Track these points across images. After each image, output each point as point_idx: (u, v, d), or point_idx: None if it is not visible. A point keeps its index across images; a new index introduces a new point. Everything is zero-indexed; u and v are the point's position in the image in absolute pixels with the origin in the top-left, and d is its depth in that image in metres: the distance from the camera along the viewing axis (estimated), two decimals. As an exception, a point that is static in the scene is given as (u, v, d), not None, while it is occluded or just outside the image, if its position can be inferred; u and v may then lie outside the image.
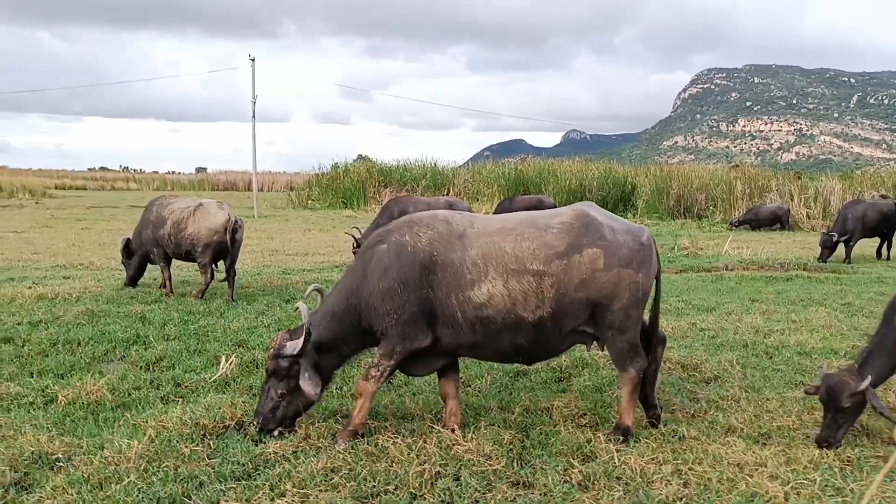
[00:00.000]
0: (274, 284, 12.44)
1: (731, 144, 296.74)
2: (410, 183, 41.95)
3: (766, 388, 6.67)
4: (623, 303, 5.35)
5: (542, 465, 4.81)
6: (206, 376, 6.81)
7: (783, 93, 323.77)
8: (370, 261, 5.42)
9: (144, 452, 4.81)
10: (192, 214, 11.15)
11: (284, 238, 22.55)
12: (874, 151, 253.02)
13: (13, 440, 5.09)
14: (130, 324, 9.01)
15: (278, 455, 4.89)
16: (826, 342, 8.44)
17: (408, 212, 15.41)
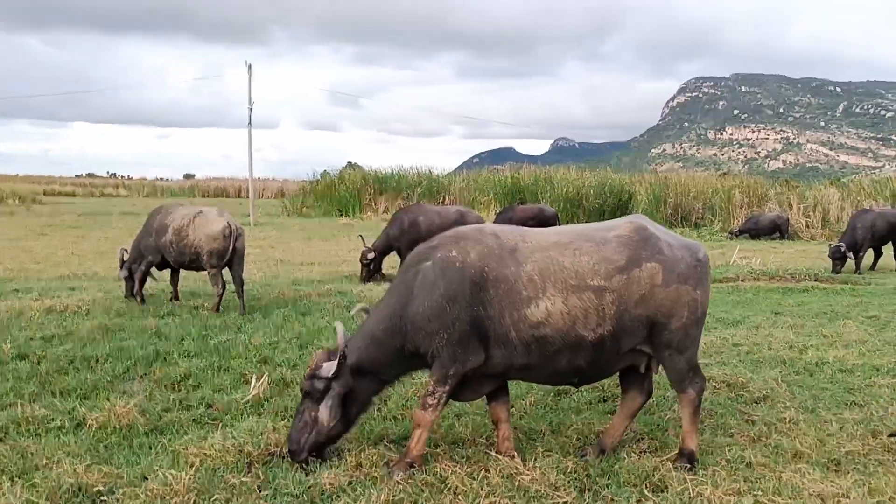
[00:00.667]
0: (287, 296, 12.15)
1: (719, 152, 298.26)
2: (406, 191, 41.75)
3: (819, 408, 6.44)
4: (682, 321, 5.11)
5: (612, 497, 4.55)
6: (237, 396, 6.53)
7: (770, 101, 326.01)
8: (414, 279, 5.13)
9: (192, 485, 4.53)
10: (192, 222, 10.98)
11: (286, 247, 22.25)
12: (860, 160, 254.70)
13: (48, 470, 4.81)
14: (147, 339, 8.72)
15: (334, 486, 4.62)
16: (865, 358, 8.23)
17: (418, 221, 15.19)
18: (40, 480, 4.60)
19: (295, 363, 7.79)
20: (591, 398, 6.77)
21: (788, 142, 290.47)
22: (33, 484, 4.56)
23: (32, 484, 4.56)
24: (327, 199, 42.48)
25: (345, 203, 41.37)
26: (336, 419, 5.09)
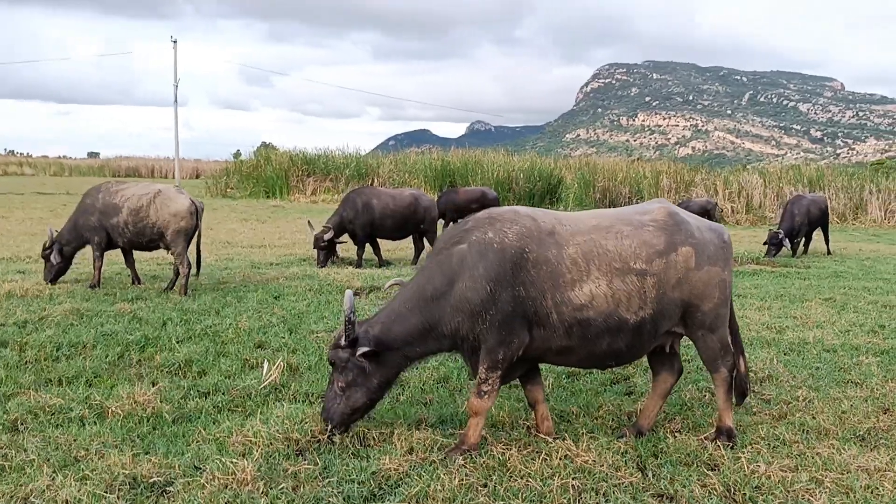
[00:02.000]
0: (253, 280, 11.89)
1: (632, 138, 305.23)
2: (334, 172, 41.15)
3: (823, 387, 6.70)
4: (714, 301, 5.27)
5: (673, 476, 4.63)
6: (251, 382, 6.37)
7: (680, 89, 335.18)
8: (448, 262, 5.08)
9: (255, 473, 4.40)
10: (153, 201, 10.68)
11: (225, 229, 21.75)
12: (764, 147, 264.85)
13: (92, 461, 4.60)
14: (129, 324, 8.41)
15: (399, 472, 4.56)
16: (842, 339, 8.60)
17: (371, 203, 14.99)
18: (91, 472, 4.39)
19: (294, 348, 7.65)
20: (603, 380, 6.88)
21: (697, 129, 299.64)
22: (85, 476, 4.36)
23: (84, 476, 4.35)
24: (253, 180, 41.48)
25: (272, 184, 40.48)
26: (359, 390, 5.08)
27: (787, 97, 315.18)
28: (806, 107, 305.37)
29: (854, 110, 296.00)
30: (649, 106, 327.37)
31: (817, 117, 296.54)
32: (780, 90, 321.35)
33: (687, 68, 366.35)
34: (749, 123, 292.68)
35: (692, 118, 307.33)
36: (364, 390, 5.12)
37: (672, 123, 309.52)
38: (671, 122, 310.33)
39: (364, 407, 5.20)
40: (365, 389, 5.12)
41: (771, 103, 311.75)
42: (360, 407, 5.17)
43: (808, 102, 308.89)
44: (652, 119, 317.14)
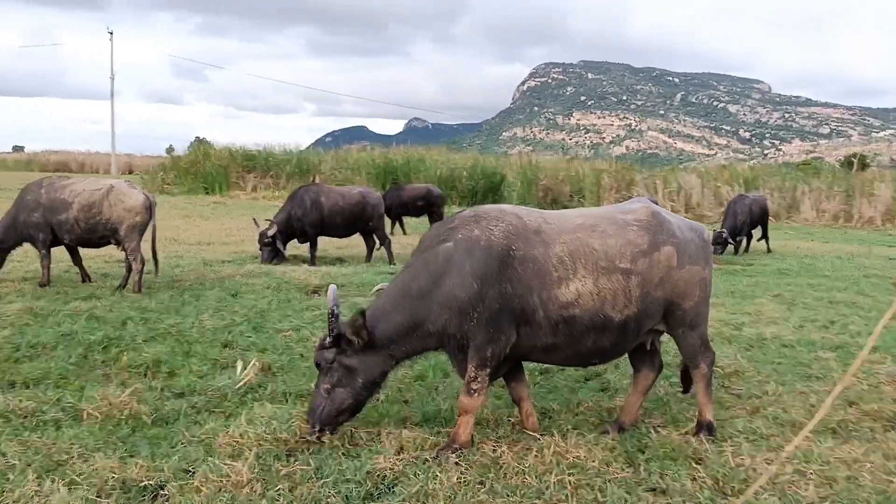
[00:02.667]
0: (209, 278, 11.68)
1: (567, 137, 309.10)
2: (275, 169, 40.56)
3: (788, 381, 6.90)
4: (695, 300, 5.39)
5: (663, 471, 4.72)
6: (225, 383, 6.26)
7: (614, 89, 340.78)
8: (435, 260, 5.08)
9: (251, 476, 4.34)
10: (106, 197, 10.42)
11: (167, 225, 21.18)
12: (695, 147, 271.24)
13: (77, 466, 4.47)
14: (87, 324, 8.17)
15: (394, 471, 4.55)
16: (798, 334, 8.87)
17: (321, 201, 14.84)
18: (78, 477, 4.27)
19: (264, 347, 7.56)
20: (577, 377, 6.96)
21: (631, 128, 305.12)
22: (73, 481, 4.23)
23: (72, 481, 4.23)
24: (191, 175, 40.59)
25: (211, 181, 39.67)
26: (344, 391, 5.05)
27: (718, 98, 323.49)
28: (735, 108, 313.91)
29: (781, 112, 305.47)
30: (584, 105, 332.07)
31: (746, 118, 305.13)
32: (711, 91, 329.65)
33: (621, 68, 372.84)
34: (681, 123, 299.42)
35: (626, 118, 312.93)
36: (350, 391, 5.08)
37: (606, 123, 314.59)
38: (606, 122, 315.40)
39: (350, 408, 5.15)
40: (351, 390, 5.08)
41: (702, 104, 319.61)
42: (346, 408, 5.12)
43: (737, 104, 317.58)
44: (587, 118, 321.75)
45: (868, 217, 31.69)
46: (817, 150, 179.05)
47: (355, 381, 5.08)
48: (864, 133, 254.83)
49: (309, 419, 5.12)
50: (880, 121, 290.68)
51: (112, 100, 34.42)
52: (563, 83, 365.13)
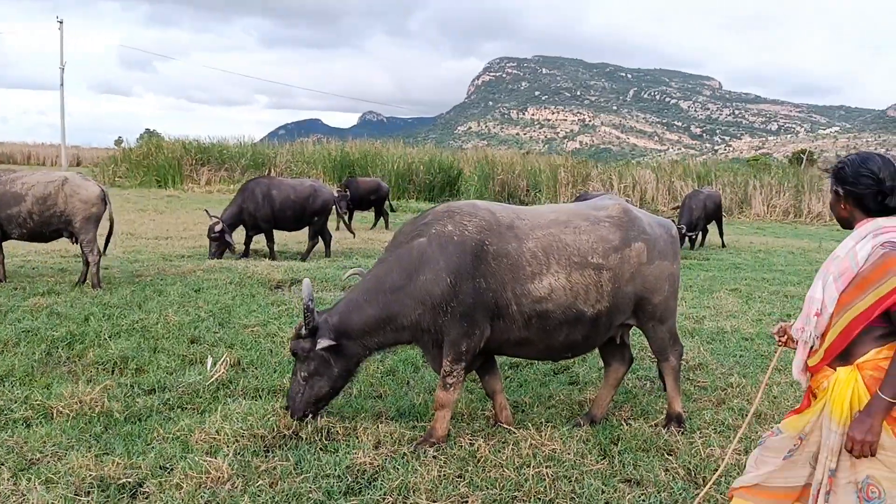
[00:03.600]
0: (170, 273, 11.54)
1: (522, 132, 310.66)
2: (229, 162, 40.07)
3: (751, 374, 7.08)
4: (664, 294, 5.51)
5: (636, 462, 4.82)
6: (196, 379, 6.21)
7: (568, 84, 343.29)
8: (408, 255, 5.13)
9: (232, 472, 4.33)
10: (61, 189, 10.23)
11: (122, 220, 20.78)
12: (647, 143, 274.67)
13: (51, 464, 4.41)
14: (49, 320, 8.04)
15: (373, 466, 4.57)
16: (756, 328, 9.08)
17: (272, 195, 14.65)
18: (54, 475, 4.21)
19: (231, 343, 7.51)
20: (546, 370, 7.05)
21: (585, 124, 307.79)
22: (49, 479, 4.18)
23: (49, 479, 4.18)
24: (143, 168, 39.87)
25: (163, 174, 39.04)
26: (321, 379, 5.15)
27: (670, 94, 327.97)
28: (686, 104, 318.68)
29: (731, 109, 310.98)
30: (539, 100, 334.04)
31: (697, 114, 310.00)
32: (663, 88, 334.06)
33: (574, 64, 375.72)
34: (633, 119, 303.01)
35: (580, 113, 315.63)
36: (326, 379, 5.19)
37: (561, 118, 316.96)
38: (560, 117, 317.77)
39: (327, 395, 5.29)
40: (327, 379, 5.19)
41: (654, 100, 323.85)
42: (323, 395, 5.25)
43: (688, 100, 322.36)
44: (541, 113, 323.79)
45: (817, 212, 32.50)
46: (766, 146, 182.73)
47: (332, 369, 5.17)
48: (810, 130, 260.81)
49: (289, 405, 5.23)
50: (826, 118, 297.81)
51: (62, 90, 33.62)
52: (518, 78, 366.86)
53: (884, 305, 2.93)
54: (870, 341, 3.03)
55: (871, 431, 2.91)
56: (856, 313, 3.01)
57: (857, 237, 3.10)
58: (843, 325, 3.04)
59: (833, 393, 3.05)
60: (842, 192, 3.16)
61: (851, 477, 3.01)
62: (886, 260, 2.94)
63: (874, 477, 2.97)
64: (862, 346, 3.04)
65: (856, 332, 3.03)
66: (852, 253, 3.06)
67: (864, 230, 3.09)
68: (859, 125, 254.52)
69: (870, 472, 2.97)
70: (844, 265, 3.07)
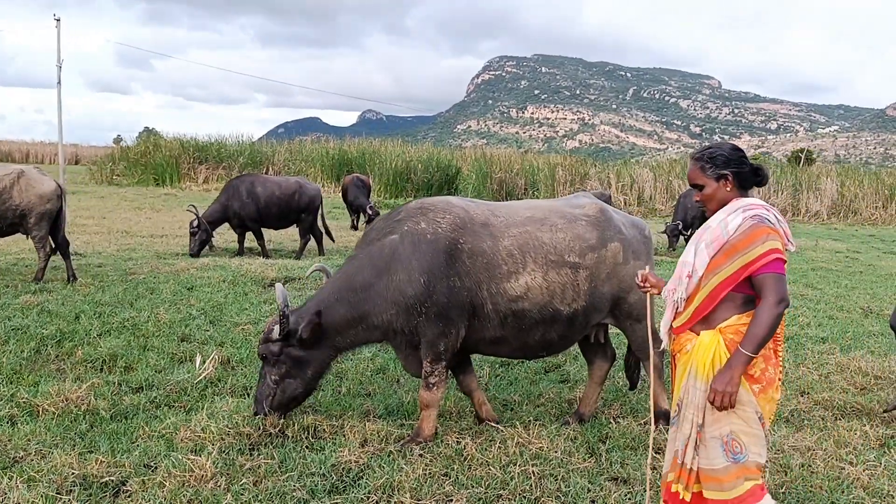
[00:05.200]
0: (163, 271, 11.50)
1: (521, 130, 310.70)
2: (227, 160, 40.03)
3: (742, 372, 7.04)
4: (639, 294, 5.45)
5: (624, 460, 4.80)
6: (184, 377, 6.19)
7: (568, 83, 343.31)
8: (380, 254, 5.07)
9: (215, 470, 4.30)
10: (17, 182, 10.14)
11: (118, 217, 20.89)
12: (647, 141, 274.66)
13: (35, 462, 4.39)
14: (39, 318, 8.01)
15: (359, 464, 4.55)
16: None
17: (256, 192, 14.58)
18: (37, 474, 4.18)
19: (221, 341, 7.48)
20: (537, 368, 7.03)
21: (584, 122, 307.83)
22: (31, 478, 4.15)
23: (31, 478, 4.15)
24: (141, 166, 39.86)
25: (161, 172, 39.01)
26: (294, 381, 5.11)
27: (669, 93, 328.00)
28: (686, 103, 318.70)
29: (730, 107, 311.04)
30: (538, 99, 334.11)
31: (696, 113, 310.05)
32: (662, 87, 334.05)
33: (574, 63, 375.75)
34: (633, 118, 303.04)
35: (579, 112, 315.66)
36: (300, 381, 5.14)
37: (560, 116, 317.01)
38: (559, 115, 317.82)
39: (299, 397, 5.24)
40: (300, 380, 5.14)
41: (653, 99, 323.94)
42: (295, 397, 5.20)
43: (687, 99, 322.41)
44: (541, 112, 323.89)
45: (815, 211, 32.48)
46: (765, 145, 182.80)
47: (304, 371, 5.13)
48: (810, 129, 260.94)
49: (256, 408, 5.17)
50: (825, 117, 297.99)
51: (59, 88, 33.51)
52: (517, 77, 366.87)
53: (748, 271, 3.25)
54: (732, 308, 3.33)
55: (731, 383, 3.19)
56: (723, 277, 3.31)
57: (728, 210, 3.41)
58: (711, 288, 3.34)
59: (697, 354, 3.33)
60: (730, 174, 3.45)
61: (716, 431, 3.28)
62: (754, 230, 3.28)
63: (735, 433, 3.25)
64: (724, 312, 3.34)
65: (721, 296, 3.32)
66: (724, 223, 3.38)
67: (735, 206, 3.41)
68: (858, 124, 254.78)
69: (732, 427, 3.25)
70: (716, 234, 3.38)
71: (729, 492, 3.25)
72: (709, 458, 3.29)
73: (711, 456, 3.28)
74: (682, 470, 3.37)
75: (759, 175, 3.52)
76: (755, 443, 3.26)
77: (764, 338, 3.20)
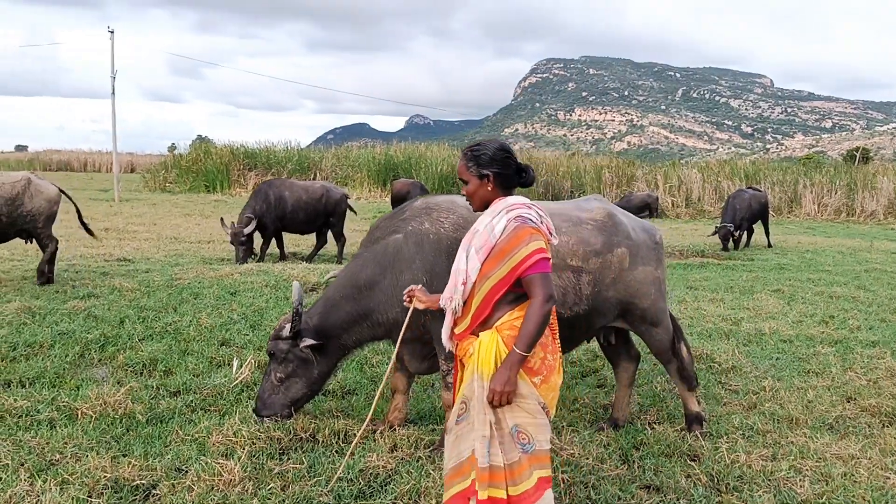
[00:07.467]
0: (207, 276, 11.66)
1: (569, 133, 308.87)
2: (276, 166, 40.59)
3: (786, 377, 6.87)
4: (651, 298, 5.37)
5: (657, 468, 4.71)
6: (221, 381, 6.25)
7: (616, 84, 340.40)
8: (384, 253, 5.08)
9: (242, 473, 4.33)
10: (27, 189, 10.42)
11: (168, 224, 21.28)
12: (696, 142, 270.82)
13: (70, 465, 4.46)
14: (85, 322, 8.17)
15: (387, 469, 4.54)
16: (796, 329, 8.84)
17: (283, 196, 14.71)
18: (70, 476, 4.26)
19: (260, 345, 7.53)
20: (573, 373, 6.94)
21: (632, 124, 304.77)
22: (65, 480, 4.22)
23: (65, 480, 4.22)
24: (192, 174, 40.62)
25: (212, 179, 39.72)
26: (299, 381, 5.16)
27: (719, 93, 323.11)
28: (737, 103, 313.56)
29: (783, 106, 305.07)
30: (586, 101, 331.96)
31: (748, 113, 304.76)
32: (712, 86, 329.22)
33: (622, 64, 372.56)
34: (682, 119, 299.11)
35: (627, 113, 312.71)
36: (304, 381, 5.19)
37: (608, 118, 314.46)
38: (607, 117, 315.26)
39: (303, 398, 5.28)
40: (305, 380, 5.19)
41: (703, 99, 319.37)
42: (299, 398, 5.25)
43: (738, 98, 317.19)
44: (588, 114, 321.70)
45: (870, 211, 31.65)
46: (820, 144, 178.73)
47: (310, 371, 5.17)
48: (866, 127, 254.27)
49: (257, 406, 5.23)
50: (883, 114, 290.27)
51: (113, 98, 34.28)
52: (565, 79, 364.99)
53: (517, 273, 3.34)
54: (504, 305, 3.42)
55: (508, 382, 3.28)
56: (495, 281, 3.39)
57: (492, 213, 3.49)
58: (486, 292, 3.42)
59: (479, 355, 3.39)
60: (490, 174, 3.50)
61: (505, 427, 3.34)
62: (519, 232, 3.37)
63: (521, 425, 3.34)
64: (499, 311, 3.43)
65: (496, 298, 3.41)
66: (490, 227, 3.45)
67: (498, 207, 3.48)
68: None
69: (517, 420, 3.33)
70: (484, 238, 3.45)
71: (519, 485, 3.30)
72: (508, 453, 3.33)
73: (509, 450, 3.33)
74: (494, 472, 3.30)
75: (524, 176, 3.58)
76: (541, 431, 3.37)
77: (535, 336, 3.29)
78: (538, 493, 3.30)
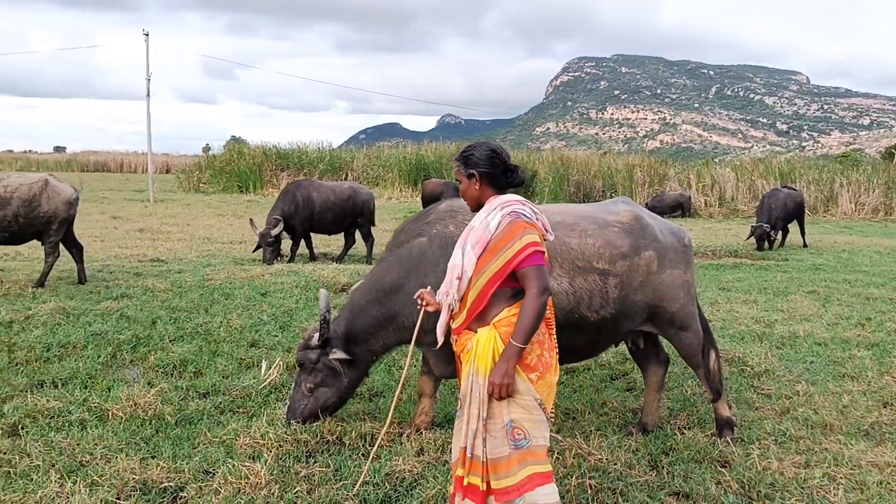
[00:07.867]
0: (238, 277, 11.74)
1: (601, 131, 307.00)
2: (308, 167, 40.87)
3: (820, 381, 6.75)
4: (680, 302, 5.30)
5: (687, 474, 4.65)
6: (249, 383, 6.28)
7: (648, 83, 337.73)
8: (409, 256, 5.09)
9: (269, 476, 4.34)
10: (45, 190, 10.51)
11: (202, 224, 21.49)
12: (731, 141, 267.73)
13: (99, 466, 4.51)
14: (118, 323, 8.27)
15: (413, 474, 4.53)
16: (831, 332, 8.68)
17: (311, 197, 14.76)
18: (100, 478, 4.30)
19: (289, 347, 7.57)
20: (602, 376, 6.88)
21: (665, 122, 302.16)
22: (94, 482, 4.27)
23: (94, 482, 4.27)
24: (226, 174, 40.99)
25: (245, 179, 40.05)
26: (328, 390, 5.21)
27: (754, 90, 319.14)
28: (772, 100, 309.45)
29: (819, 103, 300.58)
30: (618, 99, 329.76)
31: (783, 110, 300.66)
32: (747, 83, 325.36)
33: (655, 62, 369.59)
34: (716, 116, 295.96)
35: (660, 111, 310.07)
36: (334, 390, 5.24)
37: (641, 117, 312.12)
38: (640, 116, 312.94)
39: (333, 406, 5.33)
40: (335, 389, 5.24)
41: (737, 96, 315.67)
42: (329, 406, 5.29)
43: (773, 96, 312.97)
44: (621, 112, 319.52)
45: (909, 210, 31.04)
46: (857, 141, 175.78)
47: (340, 380, 5.20)
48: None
49: (288, 416, 5.28)
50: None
51: (148, 100, 34.69)
52: (597, 77, 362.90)
53: (511, 266, 3.41)
54: (502, 302, 3.49)
55: (507, 374, 3.35)
56: (490, 275, 3.47)
57: (487, 210, 3.58)
58: (481, 287, 3.50)
59: (477, 351, 3.46)
60: (477, 174, 3.59)
61: (499, 422, 3.40)
62: (512, 227, 3.45)
63: (517, 420, 3.39)
64: (496, 307, 3.50)
65: (491, 293, 3.48)
66: (485, 223, 3.53)
67: (493, 204, 3.57)
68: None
69: (512, 416, 3.39)
70: (479, 234, 3.54)
71: (502, 480, 3.38)
72: (496, 448, 3.40)
73: (498, 445, 3.40)
74: (474, 462, 3.44)
75: (512, 176, 3.65)
76: (537, 427, 3.42)
77: (531, 328, 3.35)
78: (526, 488, 3.36)
